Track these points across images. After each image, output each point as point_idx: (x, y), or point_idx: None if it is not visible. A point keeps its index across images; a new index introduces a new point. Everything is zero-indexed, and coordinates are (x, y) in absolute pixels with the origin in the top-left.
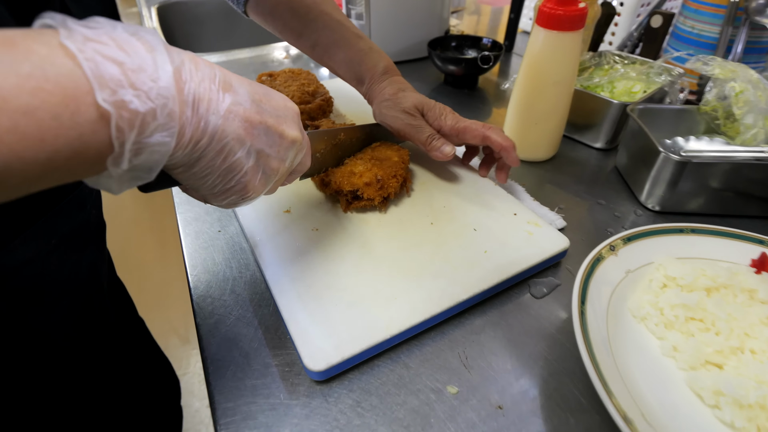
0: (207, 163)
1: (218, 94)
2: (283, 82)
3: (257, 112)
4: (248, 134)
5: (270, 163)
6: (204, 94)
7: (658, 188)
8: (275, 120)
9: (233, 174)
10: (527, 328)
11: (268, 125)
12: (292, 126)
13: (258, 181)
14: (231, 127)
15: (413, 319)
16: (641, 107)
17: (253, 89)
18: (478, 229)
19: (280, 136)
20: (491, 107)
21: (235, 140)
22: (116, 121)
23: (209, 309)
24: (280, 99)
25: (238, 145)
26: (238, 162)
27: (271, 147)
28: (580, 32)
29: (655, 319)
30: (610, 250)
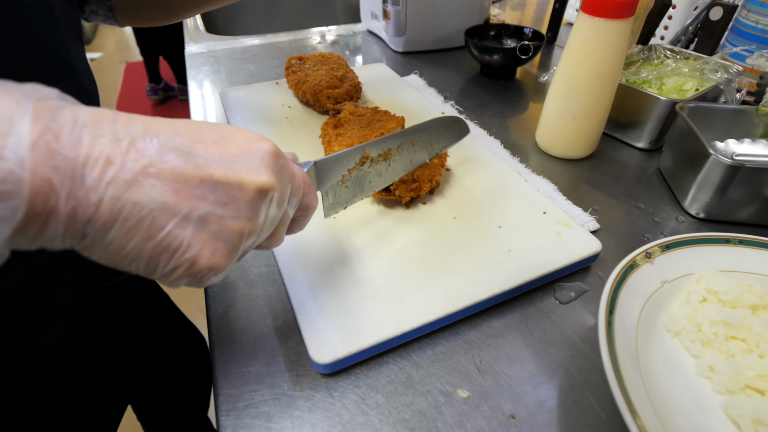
0: (121, 244)
1: (124, 155)
2: (312, 65)
3: (195, 167)
4: (182, 198)
5: (227, 225)
6: (97, 158)
7: (704, 193)
8: (226, 170)
9: (169, 253)
10: (549, 334)
11: (216, 179)
12: (259, 170)
13: (213, 254)
14: (148, 194)
15: (426, 317)
16: (692, 105)
17: (196, 136)
18: (503, 226)
19: (239, 187)
20: (528, 101)
21: (158, 211)
22: None
23: (221, 294)
24: (242, 140)
25: (165, 217)
26: (170, 237)
27: (225, 206)
28: (629, 21)
29: (691, 335)
30: (645, 258)
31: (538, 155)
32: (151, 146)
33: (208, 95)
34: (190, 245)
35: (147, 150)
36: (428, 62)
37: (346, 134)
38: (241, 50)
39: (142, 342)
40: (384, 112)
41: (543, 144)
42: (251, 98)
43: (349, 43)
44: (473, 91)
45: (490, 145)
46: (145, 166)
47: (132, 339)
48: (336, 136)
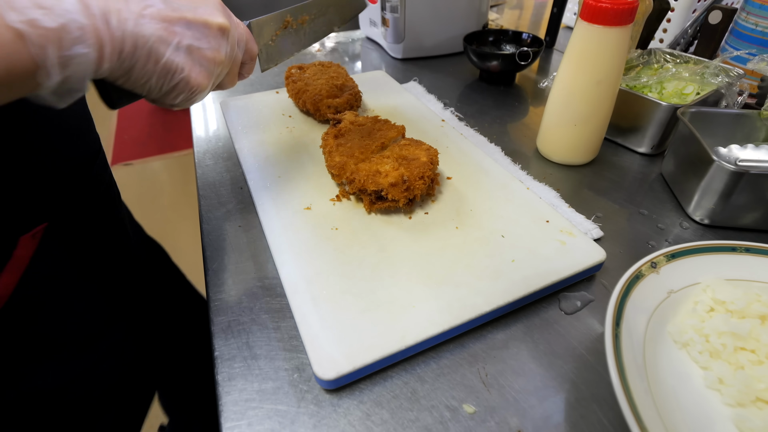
0: (141, 68)
1: (125, 3)
2: (312, 75)
3: (172, 10)
4: (169, 33)
5: (204, 54)
6: (111, 7)
7: (708, 200)
8: (193, 13)
9: (171, 73)
10: (554, 346)
11: (188, 19)
12: (215, 13)
13: (198, 74)
14: (148, 30)
15: (430, 331)
16: (693, 110)
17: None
18: (506, 236)
19: (205, 25)
20: (528, 106)
21: (157, 41)
22: (31, 38)
23: (224, 307)
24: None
25: (163, 46)
26: (169, 62)
27: (200, 39)
28: (629, 28)
29: (699, 346)
30: (651, 267)
31: (539, 162)
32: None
33: (209, 104)
34: (183, 68)
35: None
36: (427, 68)
37: (346, 144)
38: None
39: (166, 327)
40: (384, 121)
41: (544, 150)
42: (252, 108)
43: (348, 50)
44: (473, 97)
45: (490, 152)
46: (140, 9)
47: (156, 324)
48: (337, 146)
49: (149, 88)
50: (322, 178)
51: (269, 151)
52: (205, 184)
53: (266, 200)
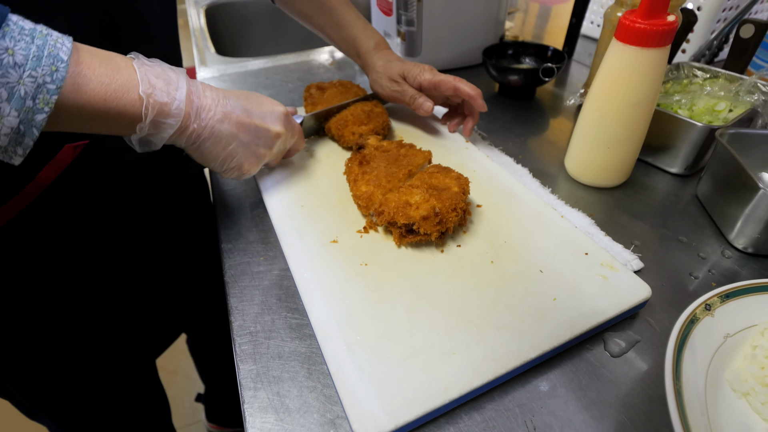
0: (210, 150)
1: (216, 106)
2: (332, 96)
3: (247, 116)
4: (239, 131)
5: (259, 150)
6: (205, 106)
7: (752, 228)
8: (261, 120)
9: (231, 158)
10: (604, 393)
11: (256, 125)
12: (277, 123)
13: (251, 163)
14: (225, 127)
15: (475, 382)
16: (732, 131)
17: (247, 102)
18: (544, 270)
19: (266, 131)
20: (549, 119)
21: (229, 135)
22: (146, 103)
23: (252, 353)
24: (269, 105)
25: (232, 139)
26: (233, 150)
27: (259, 139)
28: (667, 49)
29: (761, 396)
30: (705, 310)
31: (567, 183)
32: (229, 105)
33: None
34: (240, 155)
35: (226, 106)
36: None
37: (372, 172)
38: (253, 74)
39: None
40: (409, 146)
41: (574, 172)
42: None
43: None
44: (493, 113)
45: (518, 174)
46: (225, 113)
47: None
48: (362, 174)
49: (212, 163)
50: (347, 208)
51: (289, 177)
52: (223, 213)
53: (290, 232)
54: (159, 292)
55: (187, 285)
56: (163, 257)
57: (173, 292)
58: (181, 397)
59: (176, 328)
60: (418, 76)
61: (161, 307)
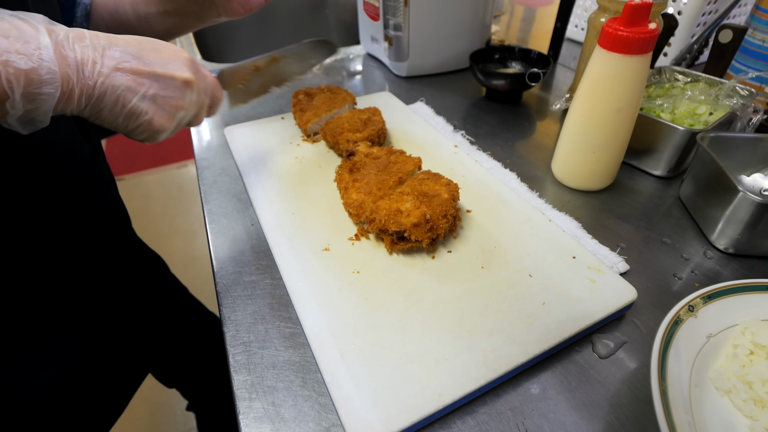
0: (109, 111)
1: (102, 57)
2: (321, 103)
3: (144, 65)
4: (138, 84)
5: (169, 102)
6: (87, 60)
7: (733, 229)
8: (163, 68)
9: (135, 116)
10: (592, 395)
11: (157, 73)
12: (182, 69)
13: (161, 118)
14: (119, 81)
15: (467, 387)
16: (713, 135)
17: (140, 48)
18: (534, 275)
19: (171, 78)
20: (535, 123)
21: (126, 90)
22: (4, 75)
23: (245, 363)
24: (169, 50)
25: (131, 94)
26: (135, 107)
27: (166, 89)
28: (649, 56)
29: (743, 394)
30: (689, 311)
31: (555, 187)
32: (116, 52)
33: (212, 129)
34: (147, 112)
35: (114, 55)
36: (432, 86)
37: (363, 180)
38: None
39: (157, 317)
40: (399, 152)
41: (560, 176)
42: (257, 135)
43: (349, 67)
44: (481, 118)
45: (506, 178)
46: (115, 64)
47: (148, 313)
48: (353, 182)
49: (116, 126)
50: (337, 215)
51: (279, 184)
52: (213, 221)
53: (281, 241)
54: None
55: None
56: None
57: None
58: (173, 405)
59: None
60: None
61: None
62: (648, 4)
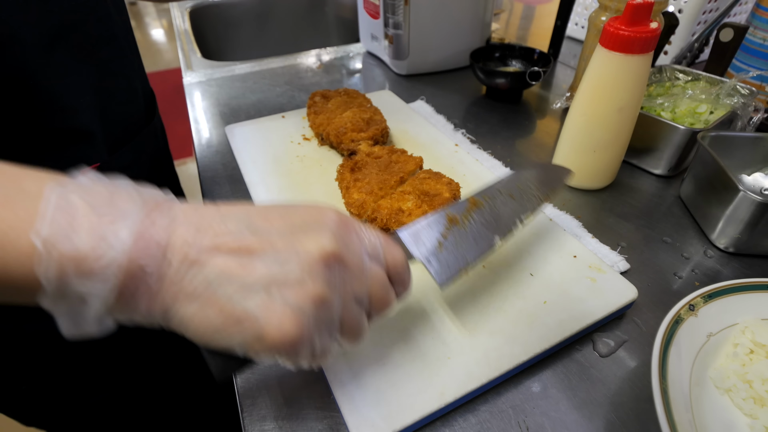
0: (194, 317)
1: (197, 239)
2: (336, 107)
3: (258, 239)
4: (244, 268)
5: (293, 292)
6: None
7: (733, 228)
8: (288, 238)
9: (237, 320)
10: (593, 393)
11: (277, 249)
12: (321, 235)
13: (283, 321)
14: (212, 266)
15: (469, 385)
16: (713, 134)
17: (261, 217)
18: (535, 274)
19: (296, 252)
20: (535, 121)
21: (223, 280)
22: (43, 254)
23: None
24: (307, 210)
25: (229, 286)
26: (235, 306)
27: (288, 274)
28: (650, 55)
29: (743, 393)
30: (689, 310)
31: None
32: (224, 228)
33: (212, 129)
34: (255, 314)
35: (218, 230)
36: (432, 85)
37: (364, 179)
38: (240, 78)
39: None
40: (401, 151)
41: None
42: (258, 134)
43: (348, 65)
44: (481, 116)
45: None
46: (214, 243)
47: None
48: (354, 182)
49: (209, 339)
50: None
51: (281, 184)
52: None
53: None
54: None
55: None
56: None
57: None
58: None
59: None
60: None
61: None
62: (650, 3)
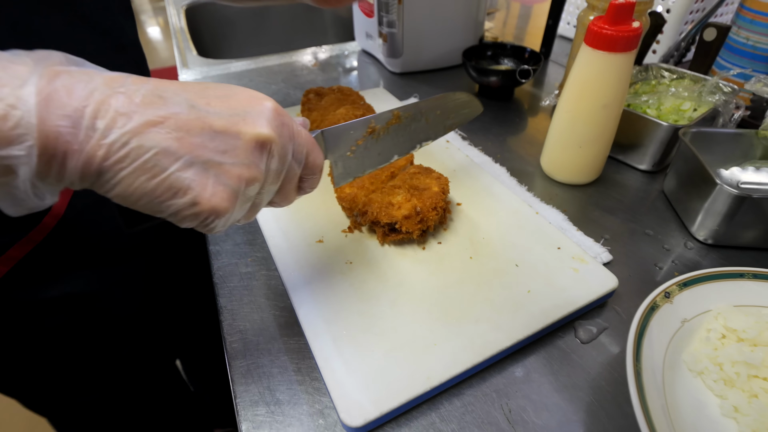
0: (131, 184)
1: (135, 108)
2: (329, 104)
3: (198, 118)
4: (183, 145)
5: (227, 171)
6: (104, 109)
7: (712, 220)
8: (227, 120)
9: (172, 191)
10: (573, 378)
11: (215, 128)
12: (259, 123)
13: (215, 195)
14: (151, 140)
15: (454, 370)
16: (694, 130)
17: (199, 95)
18: (520, 264)
19: (236, 136)
20: (527, 119)
21: (161, 154)
22: None
23: (242, 350)
24: (246, 96)
25: (168, 160)
26: (173, 179)
27: (225, 153)
28: (633, 53)
29: (714, 375)
30: (665, 297)
31: (543, 181)
32: (163, 102)
33: None
34: (191, 187)
35: (155, 103)
36: (426, 83)
37: None
38: (236, 75)
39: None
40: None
41: (548, 170)
42: None
43: (344, 63)
44: None
45: (496, 173)
46: (151, 117)
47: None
48: None
49: (148, 208)
50: (331, 208)
51: None
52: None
53: (276, 233)
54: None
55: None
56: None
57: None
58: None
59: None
60: None
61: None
62: (631, 3)
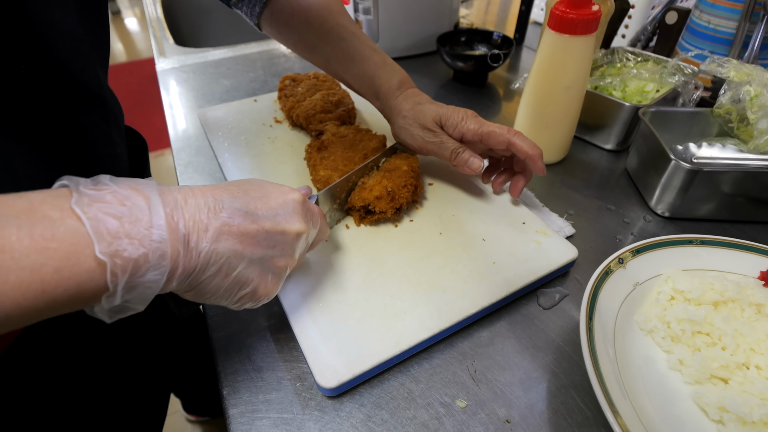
0: (210, 283)
1: (209, 219)
2: (306, 90)
3: (252, 222)
4: (246, 246)
5: (277, 263)
6: (194, 227)
7: (669, 194)
8: (273, 222)
9: (239, 285)
10: (535, 340)
11: (267, 230)
12: (294, 219)
13: (268, 283)
14: (224, 247)
15: (422, 335)
16: (653, 110)
17: (246, 199)
18: (487, 239)
19: (282, 234)
20: (501, 103)
21: (232, 257)
22: (111, 267)
23: (222, 322)
24: (278, 195)
25: (237, 260)
26: (241, 275)
27: (275, 248)
28: (593, 36)
29: (662, 332)
30: (618, 263)
31: None
32: (223, 209)
33: (187, 114)
34: (253, 279)
35: (221, 214)
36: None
37: (330, 157)
38: (214, 64)
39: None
40: (366, 131)
41: None
42: (231, 117)
43: None
44: (449, 99)
45: None
46: (220, 226)
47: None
48: (321, 160)
49: (216, 300)
50: None
51: (253, 164)
52: None
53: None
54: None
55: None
56: None
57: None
58: None
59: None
60: (459, 124)
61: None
62: None
